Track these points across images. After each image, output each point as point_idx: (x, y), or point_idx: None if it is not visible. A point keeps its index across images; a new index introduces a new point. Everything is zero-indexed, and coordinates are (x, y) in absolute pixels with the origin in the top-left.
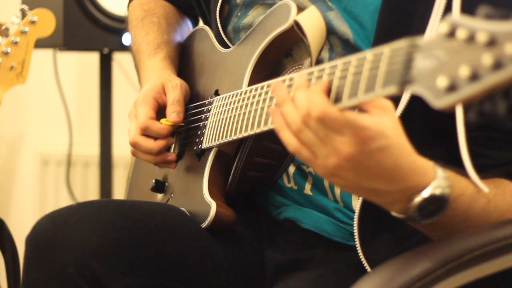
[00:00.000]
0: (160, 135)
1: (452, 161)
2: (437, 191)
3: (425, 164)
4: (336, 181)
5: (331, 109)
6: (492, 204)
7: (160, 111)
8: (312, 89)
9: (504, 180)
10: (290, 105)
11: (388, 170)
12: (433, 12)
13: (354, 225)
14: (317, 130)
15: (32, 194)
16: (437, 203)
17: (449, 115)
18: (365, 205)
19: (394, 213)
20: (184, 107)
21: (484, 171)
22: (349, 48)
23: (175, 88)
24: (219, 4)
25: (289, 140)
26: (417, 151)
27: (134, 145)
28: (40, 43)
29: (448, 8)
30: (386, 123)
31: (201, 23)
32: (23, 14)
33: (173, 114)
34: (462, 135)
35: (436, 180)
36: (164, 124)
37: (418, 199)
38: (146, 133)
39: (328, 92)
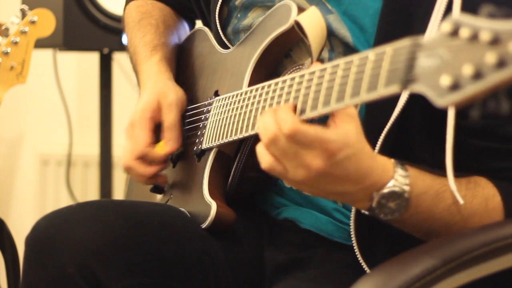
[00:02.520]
0: (157, 162)
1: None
2: (395, 188)
3: (384, 163)
4: (305, 188)
5: (301, 126)
6: (457, 206)
7: (157, 127)
8: (279, 109)
9: (482, 181)
10: (261, 127)
11: (352, 174)
12: (433, 15)
13: (351, 226)
14: (286, 150)
15: (32, 194)
16: (396, 199)
17: (446, 117)
18: None
19: (362, 211)
20: (181, 127)
21: (472, 174)
22: (349, 50)
23: (170, 109)
24: (218, 5)
25: (263, 156)
26: (415, 153)
27: (127, 169)
28: (40, 43)
29: (448, 11)
30: (349, 132)
31: (200, 24)
32: (23, 14)
33: (170, 143)
34: (450, 141)
35: (394, 178)
36: (161, 153)
37: (378, 195)
38: (143, 159)
39: (295, 109)
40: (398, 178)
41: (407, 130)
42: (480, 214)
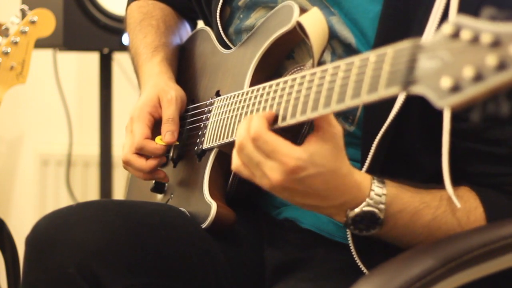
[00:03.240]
0: (154, 155)
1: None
2: (368, 208)
3: (361, 181)
4: (277, 194)
5: (267, 133)
6: (437, 222)
7: (156, 125)
8: (255, 114)
9: (465, 192)
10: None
11: (321, 191)
12: (430, 18)
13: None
14: (251, 156)
15: (32, 194)
16: (370, 217)
17: (442, 122)
18: None
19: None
20: (179, 122)
21: (465, 178)
22: (351, 52)
23: (170, 103)
24: (219, 6)
25: (234, 159)
26: (411, 155)
27: (126, 163)
28: (40, 43)
29: (445, 15)
30: (321, 152)
31: (201, 25)
32: (23, 14)
33: (168, 134)
34: (446, 145)
35: (369, 197)
36: (159, 145)
37: (351, 214)
38: (140, 152)
39: (276, 118)
40: (373, 197)
41: (404, 132)
42: (462, 228)
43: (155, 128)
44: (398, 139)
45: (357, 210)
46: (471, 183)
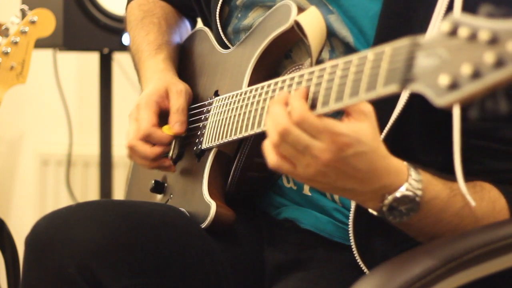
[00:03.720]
0: (161, 143)
1: (446, 167)
2: (408, 192)
3: (399, 166)
4: (314, 184)
5: (310, 114)
6: (467, 210)
7: (161, 116)
8: (291, 95)
9: (487, 185)
10: (269, 120)
11: (362, 173)
12: (433, 18)
13: (349, 226)
14: (295, 142)
15: (32, 194)
16: (408, 203)
17: (446, 119)
18: (359, 206)
19: (370, 210)
20: (187, 115)
21: (473, 176)
22: (350, 51)
23: (180, 95)
24: (219, 5)
25: (270, 156)
26: (414, 154)
27: (131, 148)
28: (40, 43)
29: (448, 14)
30: (363, 129)
31: (200, 24)
32: (23, 14)
33: (177, 125)
34: (457, 144)
35: (408, 182)
36: (166, 134)
37: (389, 198)
38: (147, 139)
39: (307, 97)
40: (412, 182)
41: (407, 131)
42: (489, 216)
43: (160, 119)
44: (400, 138)
45: (397, 194)
46: (483, 180)
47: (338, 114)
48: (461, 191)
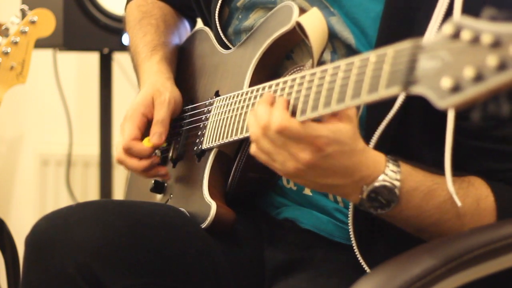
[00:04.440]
0: (142, 156)
1: (452, 166)
2: (386, 183)
3: (377, 158)
4: (296, 180)
5: (291, 123)
6: (448, 204)
7: (150, 125)
8: (275, 105)
9: (477, 181)
10: (252, 117)
11: (342, 168)
12: (433, 18)
13: (349, 226)
14: (275, 140)
15: (32, 194)
16: (387, 194)
17: (444, 119)
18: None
19: (355, 204)
20: (169, 125)
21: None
22: (352, 52)
23: (162, 106)
24: (218, 6)
25: (252, 145)
26: (412, 150)
27: (120, 162)
28: (40, 43)
29: (447, 15)
30: (342, 130)
31: (200, 24)
32: (23, 14)
33: (155, 136)
34: (449, 142)
35: (384, 173)
36: (145, 146)
37: (367, 189)
38: (129, 152)
39: (287, 106)
40: (388, 173)
41: (405, 127)
42: (471, 213)
43: (148, 128)
44: (399, 136)
45: (375, 184)
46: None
47: None
48: (445, 185)
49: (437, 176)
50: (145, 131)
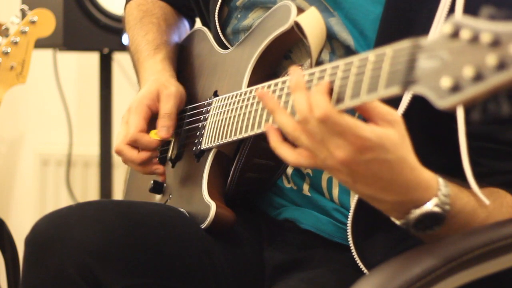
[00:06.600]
0: (148, 149)
1: (450, 168)
2: (437, 209)
3: (429, 180)
4: (338, 178)
5: (334, 112)
6: (490, 219)
7: (154, 119)
8: (314, 90)
9: (501, 191)
10: (283, 115)
11: (385, 182)
12: (435, 21)
13: (348, 227)
14: (314, 133)
15: (32, 194)
16: (434, 219)
17: (448, 121)
18: (359, 206)
19: (392, 218)
20: (176, 119)
21: (481, 179)
22: (350, 54)
23: (168, 99)
24: (218, 5)
25: (287, 154)
26: (417, 156)
27: (118, 153)
28: (40, 43)
29: (450, 16)
30: (389, 136)
31: (199, 24)
32: (23, 14)
33: (163, 130)
34: (464, 146)
35: (437, 197)
36: (152, 139)
37: (416, 212)
38: (134, 144)
39: (330, 93)
40: (441, 197)
41: (409, 131)
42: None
43: (152, 122)
44: None
45: (425, 209)
46: (488, 182)
47: None
48: (482, 202)
49: (473, 193)
50: (150, 124)
